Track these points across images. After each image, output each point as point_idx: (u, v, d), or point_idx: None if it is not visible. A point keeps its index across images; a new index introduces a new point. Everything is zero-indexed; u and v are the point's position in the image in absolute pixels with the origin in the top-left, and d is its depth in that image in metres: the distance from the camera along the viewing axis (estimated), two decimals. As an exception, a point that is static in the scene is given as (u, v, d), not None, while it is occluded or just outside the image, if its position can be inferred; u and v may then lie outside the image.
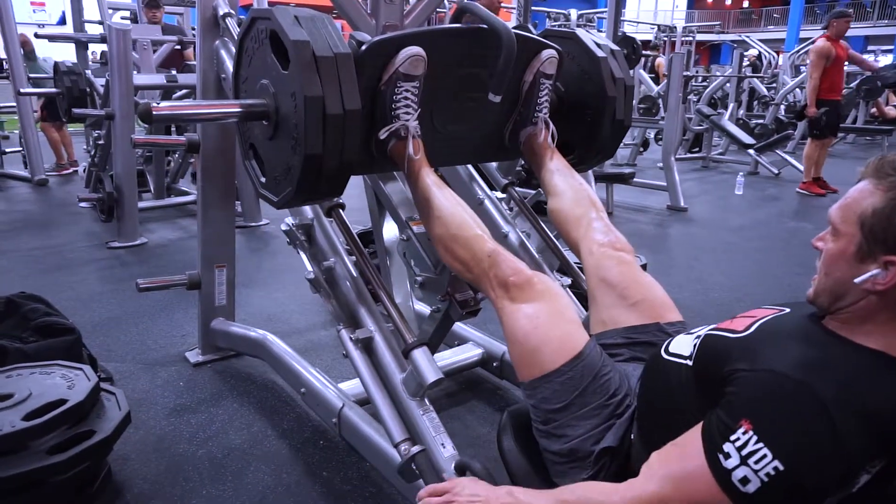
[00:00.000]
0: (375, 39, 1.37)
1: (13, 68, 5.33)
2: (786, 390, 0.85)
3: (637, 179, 5.40)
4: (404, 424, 1.35)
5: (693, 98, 8.99)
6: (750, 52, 11.33)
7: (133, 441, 1.79)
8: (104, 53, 5.95)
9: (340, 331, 1.50)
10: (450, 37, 1.47)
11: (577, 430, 1.13)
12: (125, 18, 6.41)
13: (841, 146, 10.10)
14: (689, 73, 8.44)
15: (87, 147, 5.15)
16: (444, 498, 1.09)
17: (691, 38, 12.43)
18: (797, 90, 8.64)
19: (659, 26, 12.13)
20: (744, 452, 0.84)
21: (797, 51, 10.39)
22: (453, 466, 1.24)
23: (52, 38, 5.75)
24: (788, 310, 1.05)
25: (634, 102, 6.90)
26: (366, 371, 1.44)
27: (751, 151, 7.16)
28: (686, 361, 1.06)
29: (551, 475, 1.19)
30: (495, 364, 2.09)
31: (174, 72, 4.14)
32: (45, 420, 1.41)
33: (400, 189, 1.72)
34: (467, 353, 2.15)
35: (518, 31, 1.48)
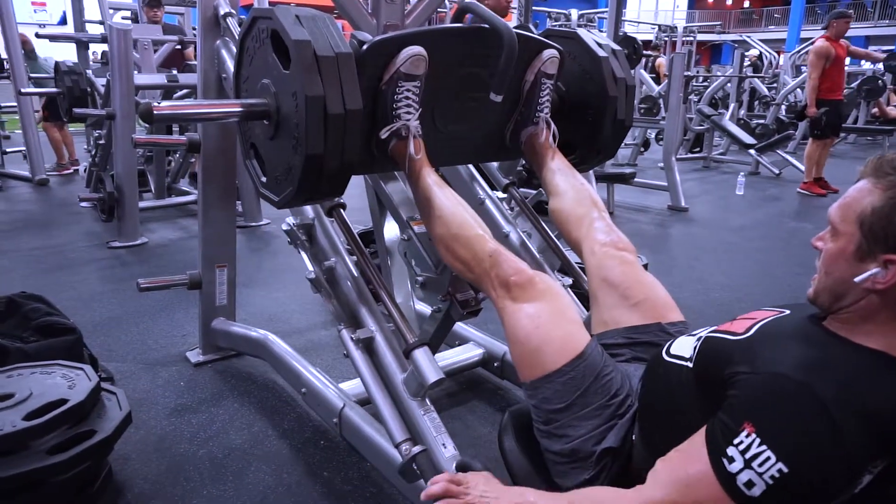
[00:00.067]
0: (377, 39, 1.37)
1: (14, 68, 5.33)
2: (787, 391, 0.85)
3: (638, 179, 5.41)
4: (405, 424, 1.35)
5: (694, 98, 8.98)
6: (751, 53, 11.34)
7: (134, 441, 1.79)
8: (105, 53, 5.95)
9: (341, 331, 1.50)
10: (451, 36, 1.47)
11: (579, 431, 1.13)
12: (126, 18, 6.40)
13: (842, 146, 10.09)
14: (690, 74, 8.43)
15: (88, 147, 5.15)
16: (460, 488, 1.08)
17: (692, 38, 12.45)
18: (798, 90, 8.63)
19: (660, 26, 12.15)
20: (747, 455, 0.83)
21: (798, 51, 10.38)
22: (454, 466, 1.24)
23: (53, 38, 5.75)
24: (788, 311, 1.05)
25: (635, 102, 6.90)
26: (367, 371, 1.44)
27: (752, 151, 7.16)
28: (687, 363, 1.06)
29: (552, 475, 1.19)
30: (496, 364, 2.09)
31: (175, 71, 4.14)
32: (46, 420, 1.41)
33: (401, 189, 1.72)
34: (468, 353, 2.15)
35: (519, 31, 1.47)
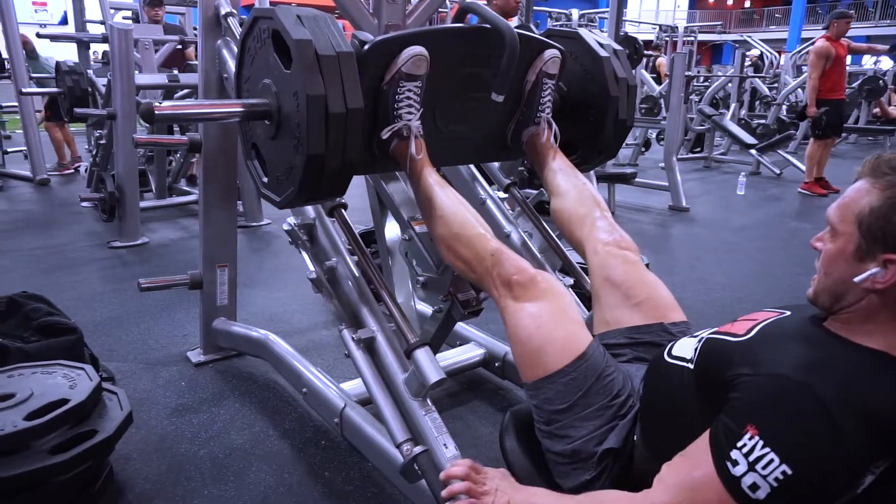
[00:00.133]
0: (378, 39, 1.37)
1: (15, 68, 5.33)
2: (787, 392, 0.85)
3: (639, 179, 5.40)
4: (406, 425, 1.35)
5: (695, 98, 8.97)
6: (752, 52, 11.34)
7: (135, 441, 1.79)
8: (106, 53, 5.95)
9: (342, 331, 1.50)
10: (453, 36, 1.47)
11: (581, 431, 1.13)
12: (127, 18, 6.40)
13: (843, 146, 10.08)
14: (691, 73, 8.42)
15: (89, 147, 5.14)
16: (479, 476, 1.10)
17: (693, 38, 12.45)
18: (799, 90, 8.63)
19: (660, 26, 12.15)
20: (751, 458, 0.83)
21: (799, 51, 10.38)
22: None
23: (55, 38, 5.75)
24: (789, 312, 1.05)
25: (636, 102, 6.88)
26: (368, 371, 1.44)
27: (752, 151, 7.16)
28: (688, 365, 1.06)
29: (554, 476, 1.18)
30: (497, 364, 2.09)
31: (176, 71, 4.14)
32: (47, 420, 1.41)
33: (402, 189, 1.72)
34: (469, 354, 2.15)
35: (521, 31, 1.47)
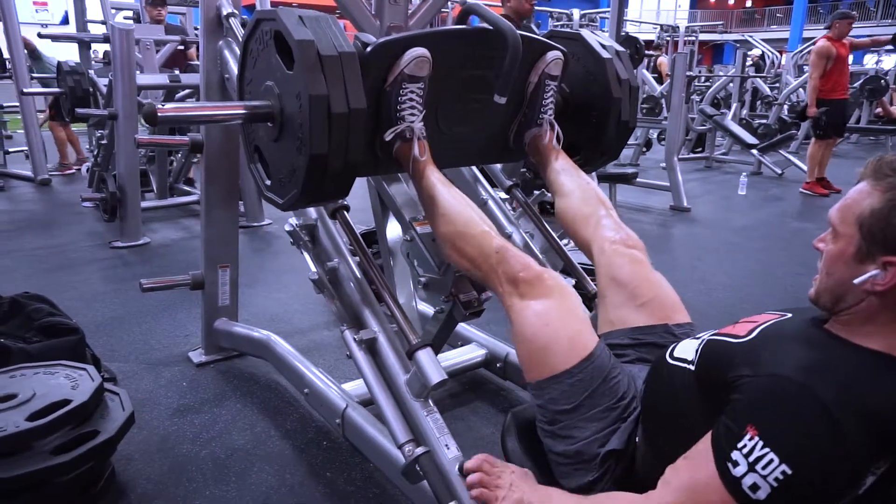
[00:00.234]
0: (381, 41, 1.37)
1: (16, 68, 5.34)
2: (788, 393, 0.85)
3: (640, 179, 5.38)
4: (408, 425, 1.35)
5: (696, 98, 8.97)
6: (753, 52, 11.33)
7: (137, 441, 1.79)
8: (107, 53, 5.95)
9: (344, 331, 1.49)
10: (455, 38, 1.47)
11: (584, 433, 1.13)
12: (128, 18, 6.40)
13: (845, 146, 10.08)
14: (692, 73, 8.41)
15: (91, 147, 5.15)
16: (495, 469, 1.14)
17: (694, 38, 12.45)
18: (800, 90, 8.62)
19: (662, 26, 12.15)
20: (751, 459, 0.83)
21: (800, 50, 10.37)
22: (457, 468, 1.24)
23: (56, 38, 5.75)
24: (790, 315, 1.05)
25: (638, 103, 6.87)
26: (369, 372, 1.43)
27: (754, 151, 7.15)
28: (689, 366, 1.06)
29: (556, 476, 1.19)
30: (499, 365, 2.09)
31: (177, 72, 4.14)
32: (49, 420, 1.41)
33: (403, 190, 1.72)
34: (471, 354, 2.15)
35: (523, 33, 1.47)
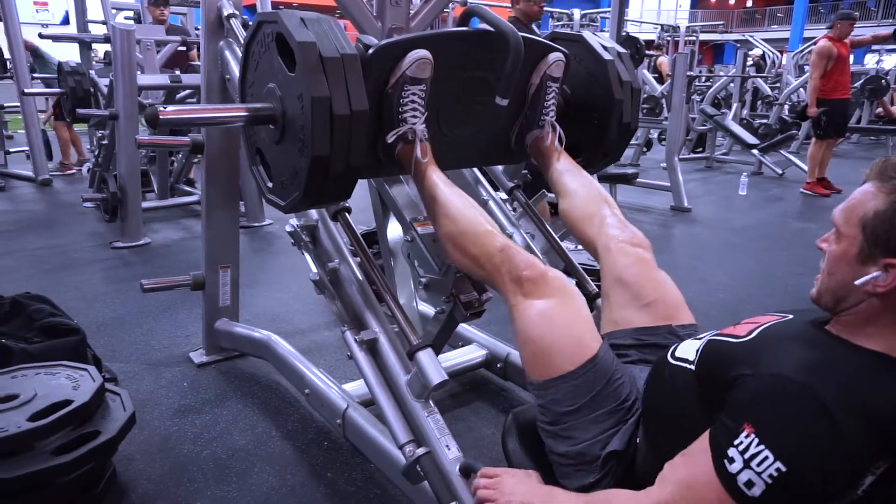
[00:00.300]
0: (382, 43, 1.37)
1: (17, 68, 5.33)
2: (788, 392, 0.85)
3: (640, 180, 5.38)
4: (409, 426, 1.35)
5: (696, 98, 8.97)
6: (753, 52, 11.32)
7: (138, 442, 1.79)
8: (108, 53, 5.95)
9: (345, 332, 1.49)
10: (457, 40, 1.47)
11: (587, 434, 1.13)
12: (128, 18, 6.40)
13: (845, 146, 10.07)
14: (693, 73, 8.41)
15: (91, 147, 5.15)
16: (492, 481, 1.12)
17: (695, 38, 12.45)
18: (801, 90, 8.62)
19: (662, 26, 12.15)
20: (746, 456, 0.84)
21: (801, 50, 10.36)
22: (458, 468, 1.24)
23: (56, 39, 5.76)
24: (791, 316, 1.05)
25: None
26: (370, 372, 1.44)
27: (754, 151, 7.15)
28: (690, 366, 1.06)
29: (556, 476, 1.19)
30: (499, 365, 2.10)
31: (178, 72, 4.14)
32: (51, 421, 1.41)
33: (404, 191, 1.72)
34: (471, 355, 2.16)
35: (525, 34, 1.47)
